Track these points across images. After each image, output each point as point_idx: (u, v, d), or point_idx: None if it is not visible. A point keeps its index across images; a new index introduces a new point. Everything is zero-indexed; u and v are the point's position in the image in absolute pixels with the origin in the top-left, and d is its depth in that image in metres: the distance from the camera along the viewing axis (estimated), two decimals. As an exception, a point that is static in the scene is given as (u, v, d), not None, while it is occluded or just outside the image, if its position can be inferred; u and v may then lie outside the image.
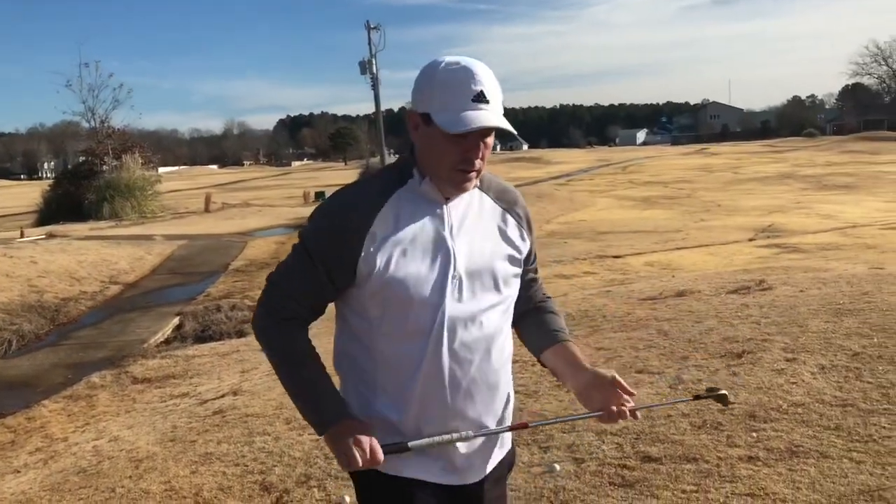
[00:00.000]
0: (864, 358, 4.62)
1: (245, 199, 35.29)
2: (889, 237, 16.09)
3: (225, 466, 4.26)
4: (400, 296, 1.70)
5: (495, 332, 1.79)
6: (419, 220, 1.74)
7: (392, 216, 1.72)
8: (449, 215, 1.76)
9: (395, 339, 1.73)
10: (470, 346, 1.74)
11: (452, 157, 1.70)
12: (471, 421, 1.76)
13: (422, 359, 1.72)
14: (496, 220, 1.84)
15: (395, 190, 1.75)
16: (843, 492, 3.00)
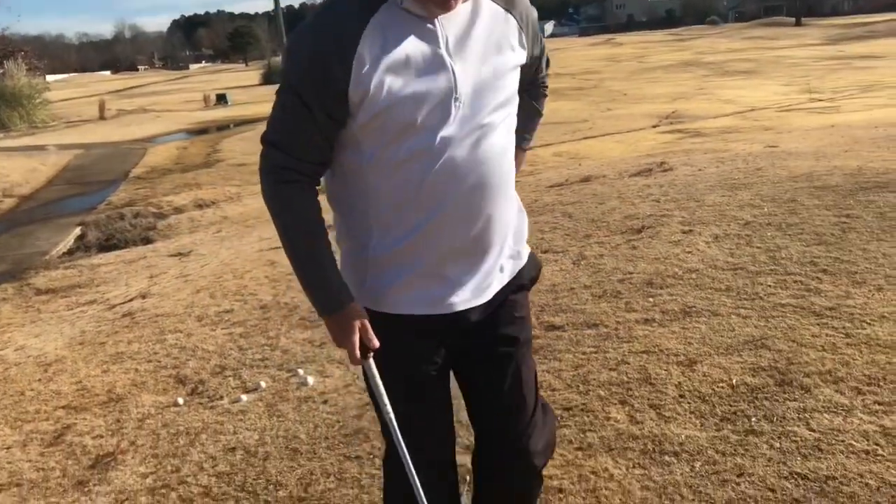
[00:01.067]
0: (754, 226, 4.86)
1: (142, 105, 33.74)
2: (785, 119, 16.70)
3: (137, 364, 4.23)
4: (397, 122, 1.55)
5: (500, 153, 1.67)
6: (410, 37, 1.55)
7: (379, 35, 1.54)
8: (443, 29, 1.58)
9: (392, 170, 1.60)
10: (473, 169, 1.61)
11: None
12: (475, 248, 1.68)
13: (419, 188, 1.60)
14: (499, 26, 1.65)
15: (379, 7, 1.55)
16: (731, 343, 3.22)
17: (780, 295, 3.66)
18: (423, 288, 1.68)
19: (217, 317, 4.95)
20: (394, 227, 1.65)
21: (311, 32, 1.57)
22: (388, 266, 1.68)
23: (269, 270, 6.18)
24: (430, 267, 1.67)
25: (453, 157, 1.59)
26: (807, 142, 10.05)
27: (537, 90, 2.00)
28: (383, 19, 1.54)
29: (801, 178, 6.07)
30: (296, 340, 4.21)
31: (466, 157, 1.60)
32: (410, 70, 1.54)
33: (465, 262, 1.69)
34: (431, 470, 1.83)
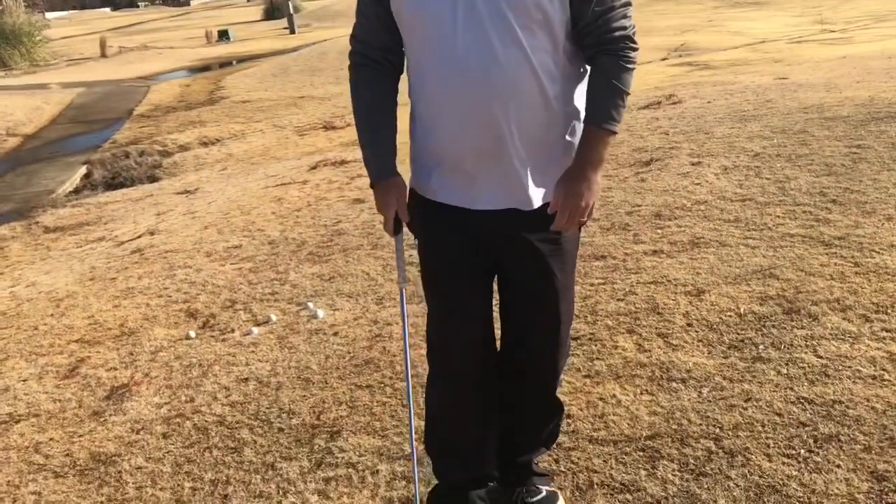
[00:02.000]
0: (763, 157, 4.82)
1: (143, 42, 33.23)
2: (795, 50, 16.39)
3: (148, 298, 4.27)
4: (411, 13, 1.70)
5: (516, 62, 1.65)
6: None
7: None
8: None
9: (419, 70, 1.75)
10: (483, 70, 1.65)
11: None
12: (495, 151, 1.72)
13: (432, 82, 1.72)
14: None
15: None
16: (739, 273, 3.22)
17: (789, 225, 3.65)
18: (453, 180, 1.78)
19: (226, 252, 4.97)
20: (424, 120, 1.79)
21: None
22: (425, 155, 1.82)
23: (275, 207, 6.18)
24: (455, 161, 1.76)
25: (459, 54, 1.65)
26: (818, 73, 9.89)
27: (606, 54, 1.71)
28: None
29: (812, 109, 5.99)
30: (305, 275, 4.23)
31: (475, 57, 1.64)
32: None
33: (488, 162, 1.74)
34: (445, 378, 1.89)
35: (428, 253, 1.90)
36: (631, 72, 1.72)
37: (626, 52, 1.70)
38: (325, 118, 13.31)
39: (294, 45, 27.91)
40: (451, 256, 1.85)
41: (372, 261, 4.27)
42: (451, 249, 1.84)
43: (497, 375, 1.95)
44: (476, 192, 1.76)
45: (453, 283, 1.86)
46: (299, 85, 17.70)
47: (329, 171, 7.67)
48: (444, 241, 1.85)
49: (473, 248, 1.83)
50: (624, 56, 1.70)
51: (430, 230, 1.87)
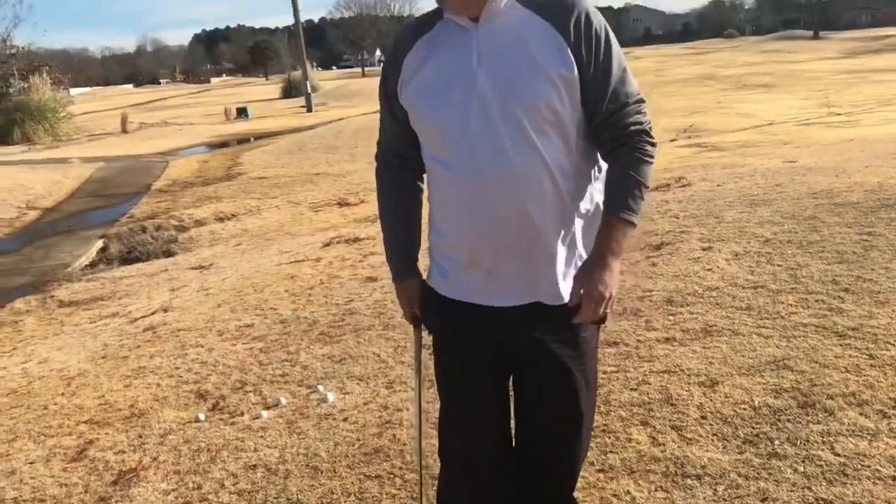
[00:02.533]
0: (775, 243, 4.84)
1: (164, 118, 34.04)
2: (803, 133, 16.60)
3: (159, 378, 4.27)
4: (425, 124, 1.78)
5: (529, 171, 1.68)
6: (447, 47, 1.74)
7: (424, 45, 1.77)
8: (477, 40, 1.69)
9: (435, 173, 1.82)
10: (497, 174, 1.68)
11: None
12: (514, 249, 1.74)
13: (448, 185, 1.77)
14: (536, 39, 1.67)
15: (437, 21, 1.78)
16: (752, 364, 3.20)
17: (802, 314, 3.64)
18: (471, 278, 1.80)
19: (238, 331, 4.99)
20: (441, 221, 1.83)
21: (391, 42, 1.91)
22: (442, 254, 1.86)
23: (288, 285, 6.22)
24: (473, 260, 1.78)
25: (475, 158, 1.68)
26: (826, 156, 9.99)
27: (624, 146, 1.72)
28: (435, 33, 1.77)
29: (821, 194, 6.03)
30: (315, 356, 4.23)
31: (490, 159, 1.67)
32: (440, 77, 1.72)
33: (507, 259, 1.75)
34: (457, 475, 1.87)
35: (443, 351, 1.92)
36: (649, 165, 1.74)
37: (643, 146, 1.73)
38: (339, 195, 13.48)
39: (311, 122, 28.52)
40: (466, 355, 1.85)
41: (383, 342, 4.27)
42: (467, 348, 1.84)
43: (511, 473, 1.93)
44: (494, 288, 1.78)
45: (468, 383, 1.86)
46: (315, 162, 18.01)
47: (342, 248, 7.74)
48: (459, 340, 1.86)
49: (490, 347, 1.83)
50: (641, 149, 1.73)
51: (445, 328, 1.89)
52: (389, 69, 1.83)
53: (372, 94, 1.93)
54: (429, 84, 1.73)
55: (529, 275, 1.76)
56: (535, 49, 1.66)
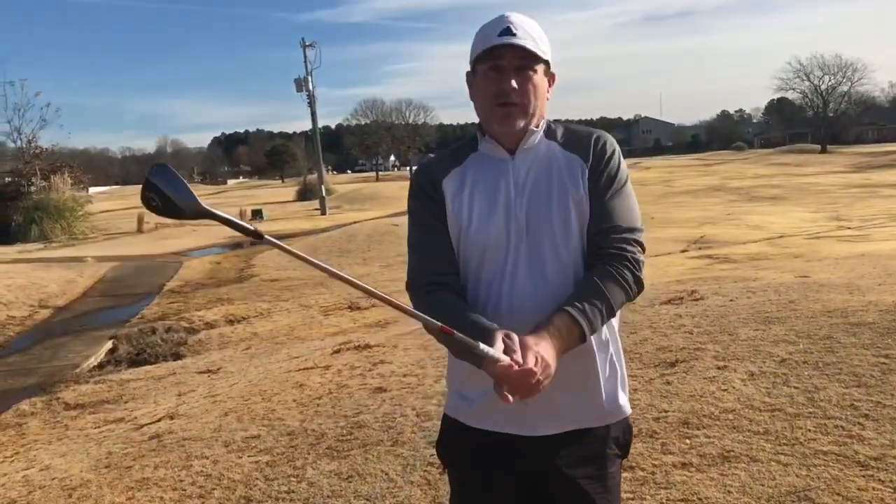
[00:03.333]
0: (790, 364, 4.78)
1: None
2: (814, 246, 16.70)
3: (162, 492, 4.18)
4: (468, 252, 1.80)
5: (550, 287, 1.75)
6: (486, 177, 1.81)
7: (460, 173, 1.84)
8: (515, 171, 1.81)
9: (471, 288, 1.83)
10: (531, 304, 1.73)
11: (489, 92, 1.78)
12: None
13: (486, 308, 1.77)
14: (564, 171, 1.81)
15: (469, 154, 1.87)
16: (772, 493, 3.11)
17: (821, 441, 3.56)
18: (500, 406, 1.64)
19: (244, 442, 4.91)
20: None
21: (420, 169, 1.93)
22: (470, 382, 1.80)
23: (296, 394, 6.15)
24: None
25: (512, 288, 1.75)
26: (838, 272, 10.01)
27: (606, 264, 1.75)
28: (471, 163, 1.86)
29: (836, 313, 6.00)
30: (322, 472, 4.14)
31: (524, 290, 1.74)
32: (484, 206, 1.78)
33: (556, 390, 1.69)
34: None
35: (460, 482, 1.89)
36: (623, 290, 1.74)
37: (623, 271, 1.75)
38: (350, 299, 13.52)
39: (324, 225, 28.95)
40: (489, 486, 1.82)
41: (392, 458, 4.19)
42: (489, 488, 1.80)
43: None
44: (527, 417, 1.75)
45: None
46: (327, 265, 18.20)
47: (352, 355, 7.70)
48: (482, 477, 1.82)
49: (513, 486, 1.80)
50: (621, 273, 1.74)
51: (466, 464, 1.86)
52: (425, 193, 1.85)
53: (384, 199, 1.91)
54: (475, 208, 1.79)
55: (573, 399, 1.77)
56: (562, 179, 1.80)
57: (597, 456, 1.80)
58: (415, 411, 4.97)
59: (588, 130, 1.88)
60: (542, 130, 1.84)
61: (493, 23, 1.80)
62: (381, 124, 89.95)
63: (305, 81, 39.54)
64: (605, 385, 1.80)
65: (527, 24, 1.79)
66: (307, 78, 39.61)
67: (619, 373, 1.85)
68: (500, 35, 1.75)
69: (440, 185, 1.83)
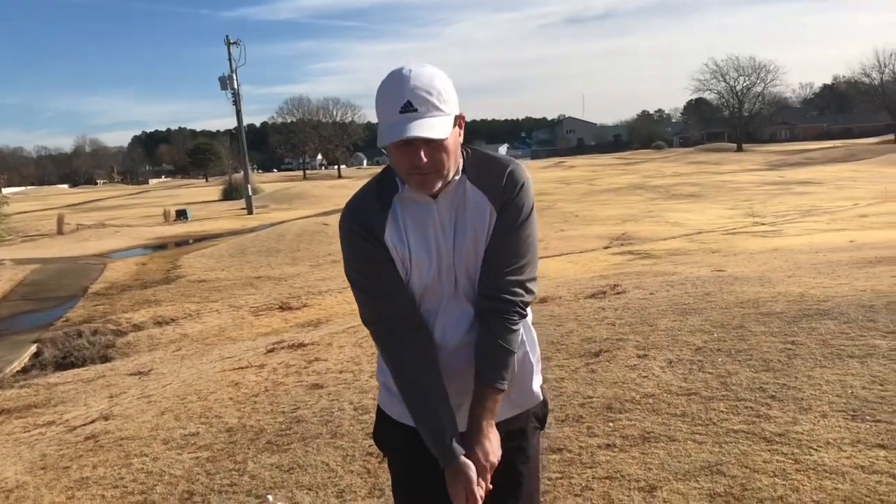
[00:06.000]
0: (705, 351, 5.11)
1: (101, 219, 33.72)
2: (730, 241, 17.44)
3: (103, 490, 4.22)
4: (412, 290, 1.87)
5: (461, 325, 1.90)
6: (415, 220, 1.85)
7: (394, 223, 1.86)
8: (440, 213, 1.85)
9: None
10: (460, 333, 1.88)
11: (402, 164, 1.78)
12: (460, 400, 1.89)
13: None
14: (478, 208, 1.86)
15: (393, 196, 1.87)
16: (688, 469, 3.38)
17: (733, 420, 3.86)
18: None
19: (183, 440, 4.97)
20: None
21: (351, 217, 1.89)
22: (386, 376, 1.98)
23: (232, 392, 6.21)
24: None
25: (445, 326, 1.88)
26: (752, 266, 10.54)
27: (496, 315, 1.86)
28: (398, 205, 1.87)
29: (748, 303, 6.39)
30: (264, 465, 4.25)
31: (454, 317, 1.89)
32: (420, 250, 1.86)
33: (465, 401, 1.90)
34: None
35: (399, 470, 2.03)
36: (516, 333, 1.89)
37: (512, 316, 1.87)
38: (281, 299, 13.50)
39: (252, 225, 28.61)
40: (425, 474, 1.93)
41: (332, 451, 4.32)
42: (425, 466, 1.91)
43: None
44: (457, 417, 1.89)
45: (426, 493, 1.94)
46: (256, 265, 18.05)
47: (286, 354, 7.76)
48: (418, 458, 1.93)
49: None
50: (510, 319, 1.87)
51: (402, 453, 2.00)
52: (370, 246, 1.85)
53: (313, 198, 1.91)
54: (412, 252, 1.85)
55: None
56: (474, 216, 1.86)
57: (519, 432, 1.98)
58: (352, 405, 5.11)
59: (499, 164, 1.89)
60: (459, 176, 1.86)
61: (391, 91, 1.74)
62: (307, 123, 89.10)
63: (230, 79, 38.98)
64: (522, 381, 1.98)
65: (427, 86, 1.73)
66: (232, 76, 39.07)
67: (533, 367, 2.02)
68: (402, 112, 1.71)
69: (382, 238, 1.84)
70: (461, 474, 1.80)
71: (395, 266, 1.86)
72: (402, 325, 1.87)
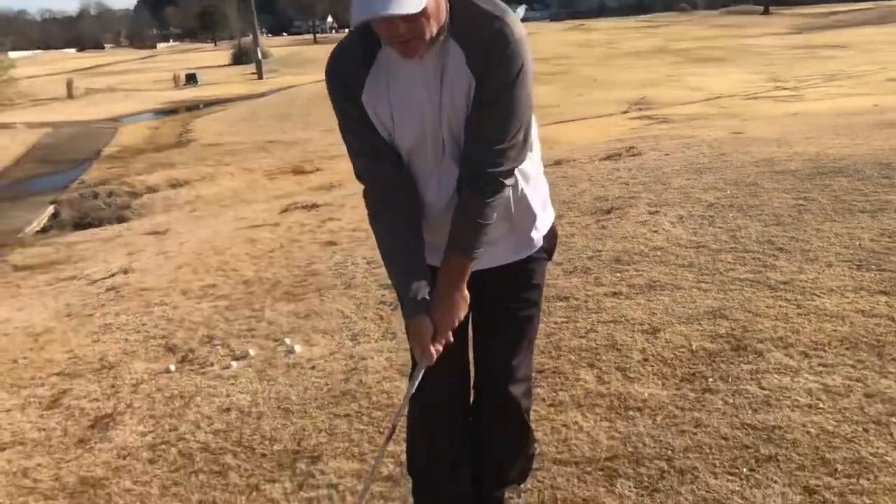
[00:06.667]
0: (717, 207, 5.12)
1: (110, 84, 33.34)
2: (751, 106, 17.10)
3: (126, 334, 4.39)
4: (398, 144, 1.81)
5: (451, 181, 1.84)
6: (398, 81, 1.74)
7: (375, 84, 1.75)
8: (424, 74, 1.72)
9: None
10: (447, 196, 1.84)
11: (382, 34, 1.64)
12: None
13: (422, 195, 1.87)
14: (459, 69, 1.72)
15: (377, 51, 1.73)
16: (692, 313, 3.46)
17: (739, 270, 3.91)
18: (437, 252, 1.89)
19: (201, 291, 5.11)
20: None
21: (331, 67, 1.80)
22: None
23: (249, 248, 6.33)
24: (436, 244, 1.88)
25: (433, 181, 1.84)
26: (771, 129, 10.38)
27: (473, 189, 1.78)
28: (378, 69, 1.75)
29: (763, 163, 6.35)
30: (281, 312, 4.39)
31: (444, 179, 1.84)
32: (405, 108, 1.76)
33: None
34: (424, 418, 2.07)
35: None
36: (492, 206, 1.81)
37: (489, 190, 1.79)
38: (294, 162, 13.52)
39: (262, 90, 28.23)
40: None
41: (346, 300, 4.45)
42: None
43: (472, 415, 2.14)
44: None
45: None
46: (268, 130, 17.95)
47: (300, 214, 7.86)
48: None
49: None
50: (488, 193, 1.79)
51: None
52: (347, 105, 1.79)
53: (323, 62, 1.80)
54: (395, 115, 1.77)
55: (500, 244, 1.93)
56: (458, 75, 1.72)
57: (526, 260, 2.00)
58: (365, 260, 5.21)
59: (486, 19, 1.68)
60: (445, 34, 1.69)
61: None
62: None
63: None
64: (522, 231, 1.96)
65: None
66: (239, -68, 37.46)
67: (535, 217, 1.98)
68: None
69: (360, 99, 1.76)
70: (417, 331, 1.84)
71: (374, 127, 1.80)
72: (383, 184, 1.83)
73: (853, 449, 2.32)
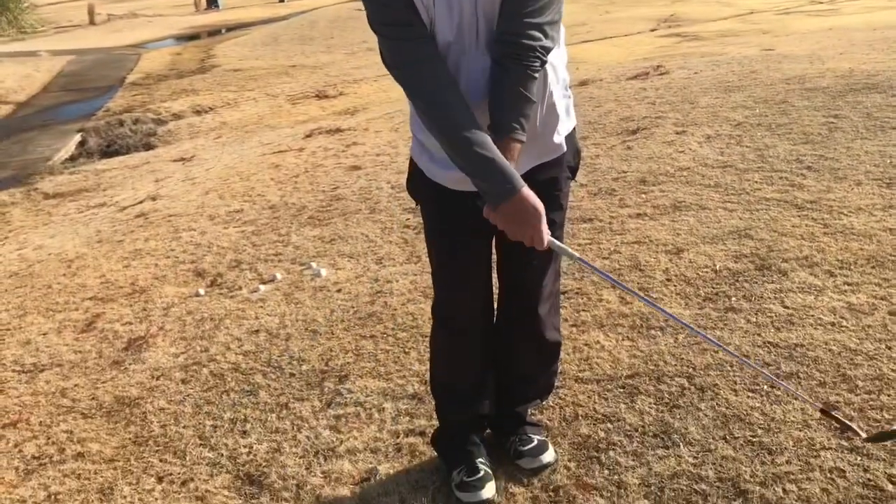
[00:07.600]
0: (745, 126, 5.03)
1: (131, 9, 32.95)
2: (784, 22, 16.51)
3: (156, 259, 4.46)
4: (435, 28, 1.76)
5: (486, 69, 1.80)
6: None
7: None
8: None
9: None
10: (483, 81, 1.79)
11: None
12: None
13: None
14: None
15: None
16: (717, 234, 3.44)
17: (766, 190, 3.87)
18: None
19: (228, 216, 5.16)
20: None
21: None
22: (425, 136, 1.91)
23: (274, 173, 6.36)
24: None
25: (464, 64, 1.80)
26: (803, 45, 10.06)
27: (518, 60, 1.75)
28: None
29: (794, 80, 6.19)
30: (306, 237, 4.43)
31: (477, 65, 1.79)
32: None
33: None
34: (448, 329, 2.10)
35: (433, 216, 2.06)
36: (534, 80, 1.77)
37: (532, 62, 1.76)
38: (317, 87, 13.39)
39: (284, 13, 27.77)
40: (457, 220, 1.99)
41: (371, 224, 4.47)
42: (458, 213, 1.97)
43: (496, 328, 2.16)
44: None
45: (461, 245, 2.01)
46: (290, 54, 17.73)
47: (324, 139, 7.83)
48: (450, 207, 1.98)
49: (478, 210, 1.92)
50: (530, 65, 1.75)
51: (432, 204, 2.04)
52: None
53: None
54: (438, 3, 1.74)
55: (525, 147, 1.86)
56: None
57: (552, 181, 1.99)
58: (389, 184, 5.22)
59: None
60: None
61: None
62: None
63: None
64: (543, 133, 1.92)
65: None
66: None
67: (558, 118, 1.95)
68: None
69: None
70: (528, 206, 1.69)
71: (418, 10, 1.76)
72: (434, 67, 1.76)
73: (875, 366, 2.33)
